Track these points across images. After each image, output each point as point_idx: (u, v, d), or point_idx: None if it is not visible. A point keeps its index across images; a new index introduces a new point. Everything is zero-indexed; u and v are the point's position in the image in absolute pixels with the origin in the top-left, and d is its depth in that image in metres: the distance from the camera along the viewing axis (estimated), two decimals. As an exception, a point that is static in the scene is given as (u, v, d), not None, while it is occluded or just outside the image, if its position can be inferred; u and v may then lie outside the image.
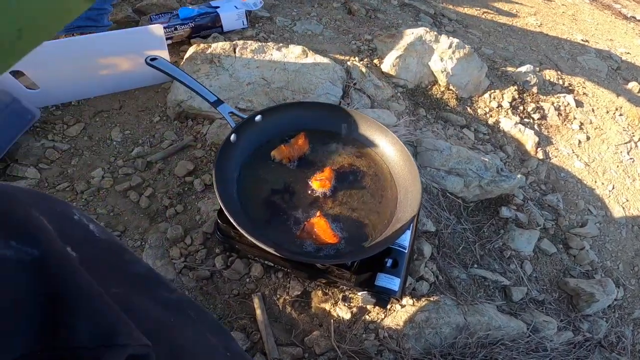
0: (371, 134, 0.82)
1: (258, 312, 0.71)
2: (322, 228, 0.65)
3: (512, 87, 1.41)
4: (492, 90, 1.39)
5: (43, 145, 0.88)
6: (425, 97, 1.29)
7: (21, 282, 0.25)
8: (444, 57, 1.28)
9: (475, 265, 0.90)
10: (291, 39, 1.27)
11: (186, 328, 0.37)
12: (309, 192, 0.73)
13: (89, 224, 0.35)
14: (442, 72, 1.29)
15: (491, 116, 1.33)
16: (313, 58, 1.10)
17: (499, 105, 1.36)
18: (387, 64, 1.25)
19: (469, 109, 1.32)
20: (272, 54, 1.06)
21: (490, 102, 1.36)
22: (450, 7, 1.83)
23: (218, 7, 1.20)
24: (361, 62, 1.24)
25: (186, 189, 0.86)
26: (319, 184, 0.72)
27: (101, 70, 0.93)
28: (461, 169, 0.96)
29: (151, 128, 0.96)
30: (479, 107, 1.34)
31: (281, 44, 1.11)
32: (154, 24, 1.04)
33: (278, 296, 0.74)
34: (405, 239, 0.72)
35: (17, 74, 0.88)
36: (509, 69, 1.50)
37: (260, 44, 1.08)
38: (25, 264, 0.26)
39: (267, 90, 1.00)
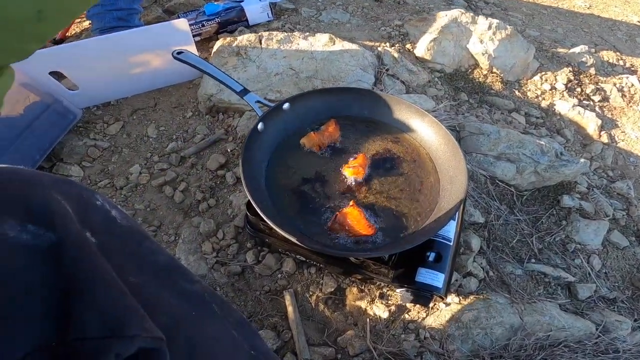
0: (407, 118, 0.76)
1: (290, 309, 0.67)
2: (355, 218, 0.60)
3: (565, 68, 1.27)
4: (543, 72, 1.26)
5: (85, 144, 0.91)
6: (466, 82, 1.19)
7: (36, 270, 0.24)
8: (484, 38, 1.18)
9: (533, 260, 0.80)
10: (317, 28, 1.23)
11: (207, 322, 0.34)
12: (342, 180, 0.68)
13: (112, 210, 0.33)
14: (483, 54, 1.18)
15: (544, 99, 1.20)
16: (341, 45, 1.05)
17: (552, 88, 1.23)
18: (421, 49, 1.17)
19: (517, 92, 1.21)
20: (298, 43, 1.03)
21: (541, 84, 1.24)
22: (489, -14, 1.70)
23: (242, 1, 1.20)
24: (392, 48, 1.17)
25: (218, 182, 0.85)
26: (351, 171, 0.67)
27: (134, 69, 0.95)
28: (512, 154, 0.86)
29: (184, 123, 0.97)
30: (529, 90, 1.22)
31: (307, 33, 1.07)
32: (182, 21, 1.05)
33: (311, 293, 0.70)
34: (450, 231, 0.64)
35: (58, 76, 0.92)
36: (560, 50, 1.36)
37: (285, 34, 1.05)
38: (43, 250, 0.24)
39: (296, 80, 0.97)
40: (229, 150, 0.89)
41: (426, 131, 0.74)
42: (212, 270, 0.72)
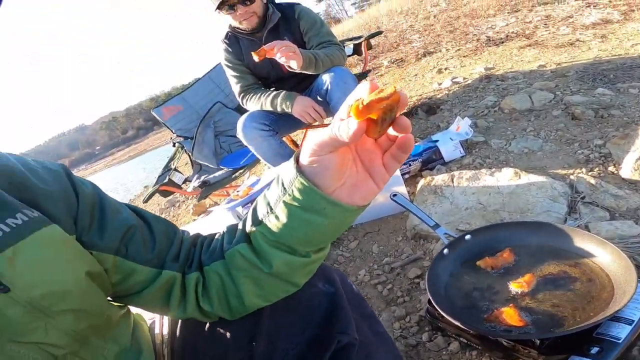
0: (586, 245, 0.84)
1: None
2: (509, 314, 0.74)
3: None
4: None
5: (337, 253, 1.43)
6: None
7: (323, 302, 0.51)
8: None
9: None
10: (507, 160, 1.44)
11: (382, 349, 0.59)
12: (507, 291, 0.83)
13: (352, 284, 0.66)
14: None
15: None
16: (527, 178, 1.23)
17: None
18: (627, 169, 1.16)
19: None
20: (485, 180, 1.29)
21: None
22: None
23: (437, 140, 1.59)
24: (590, 173, 1.22)
25: (414, 286, 1.16)
26: (517, 284, 0.82)
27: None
28: None
29: (396, 245, 1.36)
30: None
31: (493, 169, 1.31)
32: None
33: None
34: (622, 331, 0.67)
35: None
36: None
37: (473, 171, 1.33)
38: (327, 294, 0.52)
39: (484, 213, 1.20)
40: (424, 266, 1.20)
41: (607, 257, 0.79)
42: (395, 340, 0.99)
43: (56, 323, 0.40)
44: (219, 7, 1.58)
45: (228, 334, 0.51)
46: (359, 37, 2.52)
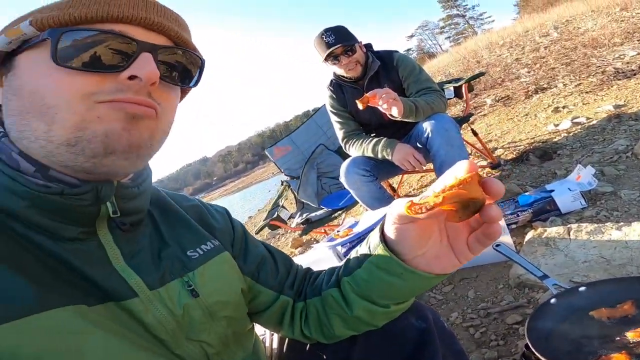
0: None
1: None
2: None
3: None
4: None
5: (429, 295, 1.43)
6: None
7: (414, 335, 0.56)
8: None
9: None
10: (639, 214, 1.27)
11: None
12: (621, 339, 0.73)
13: (444, 322, 0.67)
14: None
15: None
16: (667, 236, 1.06)
17: None
18: None
19: None
20: (610, 234, 1.16)
21: None
22: None
23: (552, 190, 1.47)
24: None
25: (511, 332, 1.09)
26: (636, 334, 0.72)
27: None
28: None
29: (495, 292, 1.30)
30: None
31: (622, 223, 1.17)
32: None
33: None
34: None
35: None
36: None
37: (596, 225, 1.21)
38: (419, 329, 0.56)
39: (607, 267, 1.08)
40: (526, 313, 1.11)
41: None
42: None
43: (216, 326, 0.51)
44: (326, 59, 1.80)
45: (325, 356, 0.59)
46: (459, 80, 2.49)
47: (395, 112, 1.52)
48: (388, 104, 1.49)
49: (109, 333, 0.39)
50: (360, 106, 1.50)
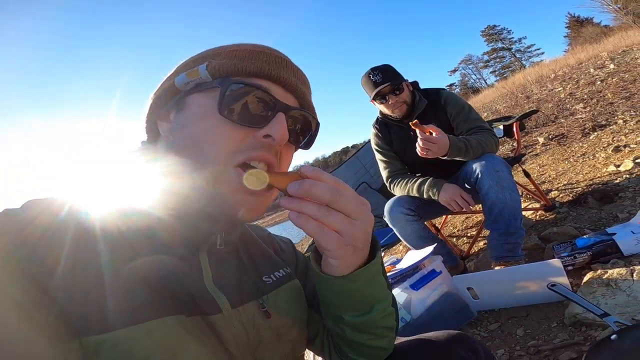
0: None
1: None
2: None
3: None
4: None
5: (472, 333, 1.43)
6: None
7: None
8: None
9: None
10: None
11: None
12: None
13: (495, 356, 0.67)
14: None
15: None
16: None
17: None
18: None
19: None
20: (680, 278, 1.12)
21: None
22: None
23: (614, 233, 1.44)
24: None
25: None
26: None
27: (516, 290, 1.44)
28: None
29: (548, 330, 1.27)
30: None
31: (692, 267, 1.13)
32: (556, 254, 1.46)
33: None
34: None
35: (468, 289, 1.57)
36: None
37: (662, 268, 1.17)
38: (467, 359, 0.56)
39: None
40: (582, 350, 1.08)
41: None
42: None
43: (280, 348, 0.55)
44: (374, 98, 1.84)
45: None
46: (510, 118, 2.44)
47: (431, 154, 1.56)
48: (422, 148, 1.54)
49: (200, 343, 0.45)
50: (412, 127, 1.51)
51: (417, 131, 1.54)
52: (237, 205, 0.48)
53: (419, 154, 1.60)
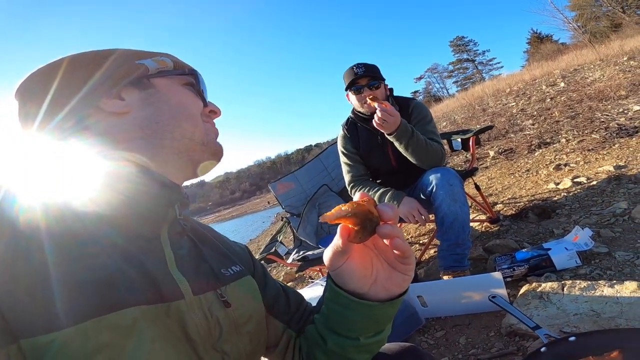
0: None
1: None
2: None
3: None
4: None
5: (420, 340, 1.51)
6: None
7: None
8: None
9: None
10: (632, 274, 1.37)
11: None
12: None
13: None
14: None
15: None
16: (656, 294, 1.16)
17: None
18: None
19: None
20: (602, 291, 1.25)
21: None
22: None
23: (549, 249, 1.58)
24: None
25: None
26: None
27: (461, 299, 1.53)
28: None
29: (487, 339, 1.37)
30: None
31: (614, 281, 1.27)
32: (497, 266, 1.57)
33: None
34: None
35: (418, 296, 1.65)
36: None
37: (589, 282, 1.31)
38: None
39: (596, 319, 1.16)
40: None
41: None
42: None
43: (239, 341, 0.56)
44: (348, 87, 1.89)
45: None
46: (467, 131, 2.56)
47: (384, 129, 1.67)
48: (379, 118, 1.63)
49: (163, 334, 0.45)
50: (368, 101, 1.64)
51: (376, 104, 1.65)
52: (219, 150, 0.64)
53: (375, 125, 1.70)
